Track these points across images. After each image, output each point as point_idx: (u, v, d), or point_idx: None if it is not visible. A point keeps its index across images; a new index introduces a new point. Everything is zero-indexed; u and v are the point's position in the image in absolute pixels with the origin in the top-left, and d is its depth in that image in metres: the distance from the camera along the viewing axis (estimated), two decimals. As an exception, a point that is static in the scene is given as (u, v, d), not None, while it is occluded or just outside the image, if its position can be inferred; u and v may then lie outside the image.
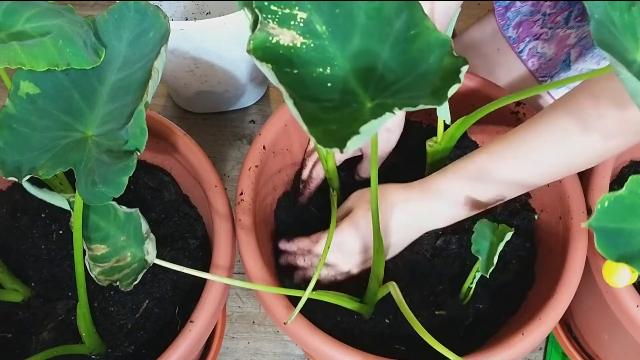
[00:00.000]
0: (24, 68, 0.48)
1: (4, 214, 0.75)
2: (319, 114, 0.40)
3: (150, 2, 0.55)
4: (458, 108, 0.68)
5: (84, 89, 0.54)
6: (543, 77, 0.88)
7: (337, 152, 0.37)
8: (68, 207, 0.57)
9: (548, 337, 0.86)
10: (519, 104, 0.75)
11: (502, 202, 0.65)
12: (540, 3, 0.86)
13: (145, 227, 0.58)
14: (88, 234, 0.58)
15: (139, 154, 0.50)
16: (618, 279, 0.55)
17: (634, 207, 0.45)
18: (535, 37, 0.87)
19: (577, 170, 0.64)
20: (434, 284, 0.70)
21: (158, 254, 0.59)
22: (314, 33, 0.44)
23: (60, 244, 0.72)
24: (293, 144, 0.78)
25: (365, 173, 0.78)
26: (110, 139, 0.51)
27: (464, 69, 0.40)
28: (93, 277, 0.58)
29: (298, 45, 0.43)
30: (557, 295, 0.62)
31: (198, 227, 0.75)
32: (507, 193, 0.64)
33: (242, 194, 0.68)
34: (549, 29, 0.86)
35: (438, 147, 0.70)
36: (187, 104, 1.07)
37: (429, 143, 0.71)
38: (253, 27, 0.44)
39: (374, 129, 0.39)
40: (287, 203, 0.77)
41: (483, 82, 0.77)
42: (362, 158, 0.78)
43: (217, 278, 0.61)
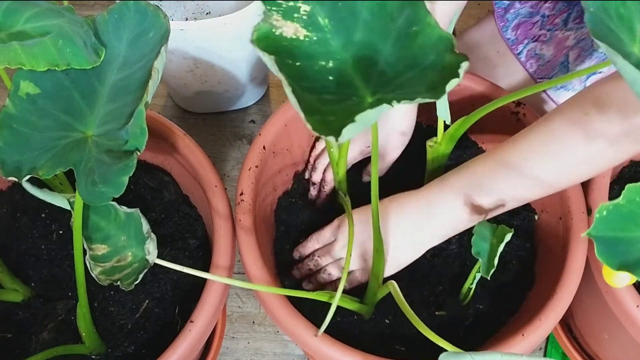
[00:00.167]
0: (24, 68, 0.48)
1: (4, 214, 0.75)
2: (318, 105, 0.40)
3: (150, 2, 0.55)
4: (458, 108, 0.69)
5: (84, 89, 0.54)
6: (541, 78, 0.88)
7: (334, 142, 0.37)
8: (68, 207, 0.57)
9: (548, 337, 0.86)
10: (519, 105, 0.75)
11: (504, 210, 0.64)
12: (540, 5, 0.86)
13: (146, 227, 0.58)
14: (89, 234, 0.58)
15: (139, 154, 0.50)
16: (618, 280, 0.55)
17: (632, 215, 0.45)
18: (534, 38, 0.87)
19: (584, 179, 0.62)
20: (434, 284, 0.70)
21: (158, 254, 0.59)
22: (317, 26, 0.44)
23: (60, 244, 0.72)
24: (293, 144, 0.78)
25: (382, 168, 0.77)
26: (110, 139, 0.51)
27: (464, 65, 0.40)
28: (94, 276, 0.58)
29: (301, 38, 0.43)
30: (557, 296, 0.62)
31: (198, 227, 0.75)
32: (510, 203, 0.63)
33: (242, 194, 0.68)
34: (548, 31, 0.86)
35: (438, 147, 0.70)
36: (187, 104, 1.07)
37: (429, 143, 0.71)
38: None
39: (371, 120, 0.39)
40: (287, 203, 0.77)
41: (483, 82, 0.77)
42: (370, 159, 0.77)
43: (217, 278, 0.61)
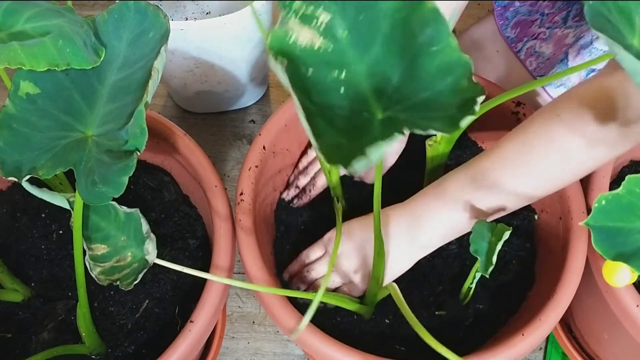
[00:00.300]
0: (24, 68, 0.48)
1: (4, 214, 0.75)
2: (328, 126, 0.39)
3: (150, 2, 0.55)
4: (458, 108, 0.68)
5: (84, 89, 0.54)
6: (541, 76, 0.88)
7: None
8: (68, 206, 0.57)
9: (548, 337, 0.86)
10: (519, 104, 0.75)
11: (505, 212, 0.64)
12: (539, 3, 0.86)
13: (146, 227, 0.58)
14: (88, 234, 0.58)
15: (139, 154, 0.50)
16: (618, 279, 0.55)
17: (631, 206, 0.45)
18: (534, 36, 0.87)
19: (561, 184, 0.62)
20: (434, 284, 0.70)
21: (158, 254, 0.59)
22: (334, 36, 0.43)
23: (60, 244, 0.72)
24: (293, 144, 0.78)
25: (371, 179, 0.78)
26: (110, 139, 0.51)
27: (480, 100, 0.39)
28: (93, 276, 0.58)
29: (316, 47, 0.43)
30: (557, 296, 0.62)
31: (198, 227, 0.75)
32: (510, 205, 0.63)
33: (242, 194, 0.68)
34: (547, 29, 0.86)
35: (438, 146, 0.70)
36: (187, 104, 1.07)
37: (429, 142, 0.70)
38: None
39: (382, 151, 0.37)
40: (287, 203, 0.77)
41: (483, 81, 0.77)
42: None
43: (217, 278, 0.61)
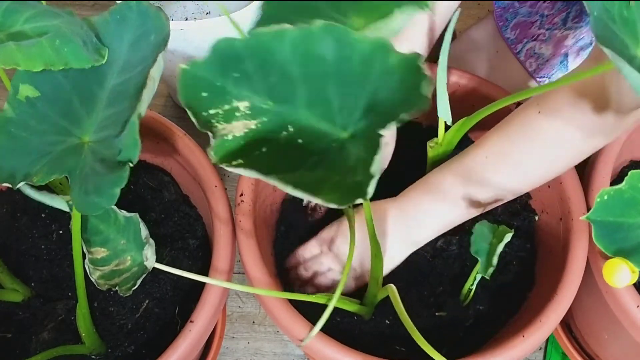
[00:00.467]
0: (19, 68, 0.47)
1: (4, 214, 0.74)
2: (317, 180, 0.39)
3: (151, 2, 0.54)
4: (458, 109, 0.68)
5: (84, 93, 0.53)
6: (541, 77, 0.88)
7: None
8: (67, 209, 0.57)
9: (548, 337, 0.86)
10: (519, 105, 0.75)
11: (501, 202, 0.65)
12: (539, 4, 0.86)
13: (145, 232, 0.58)
14: (88, 237, 0.58)
15: (132, 166, 0.49)
16: (618, 279, 0.55)
17: (633, 201, 0.45)
18: (533, 38, 0.87)
19: (562, 169, 0.63)
20: (434, 285, 0.70)
21: (158, 254, 0.59)
22: (262, 111, 0.43)
23: (60, 244, 0.72)
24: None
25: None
26: (107, 147, 0.50)
27: (426, 85, 0.39)
28: (93, 280, 0.58)
29: (254, 127, 0.43)
30: (557, 297, 0.62)
31: (198, 227, 0.75)
32: (500, 196, 0.63)
33: (242, 195, 0.68)
34: (547, 30, 0.86)
35: (439, 148, 0.70)
36: (187, 104, 1.07)
37: (430, 144, 0.70)
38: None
39: (379, 163, 0.38)
40: (287, 204, 0.77)
41: (483, 82, 0.77)
42: None
43: (216, 282, 0.61)
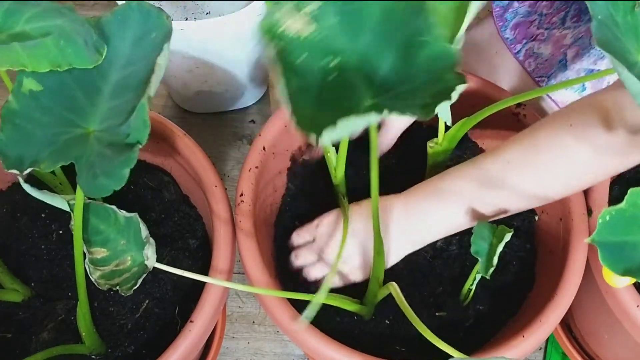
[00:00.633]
0: (27, 70, 0.48)
1: (4, 214, 0.75)
2: (311, 104, 0.40)
3: (151, 2, 0.55)
4: (458, 109, 0.68)
5: (87, 87, 0.54)
6: (540, 77, 0.88)
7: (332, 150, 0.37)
8: (68, 208, 0.57)
9: (548, 337, 0.86)
10: (520, 106, 0.75)
11: (506, 214, 0.63)
12: (537, 4, 0.86)
13: (145, 232, 0.58)
14: (88, 237, 0.58)
15: (141, 147, 0.49)
16: (618, 280, 0.55)
17: (635, 219, 0.44)
18: (532, 37, 0.87)
19: (583, 187, 0.62)
20: (434, 285, 0.70)
21: (158, 254, 0.59)
22: (324, 24, 0.43)
23: (60, 244, 0.72)
24: (293, 145, 0.78)
25: (383, 147, 0.76)
26: (112, 134, 0.51)
27: (460, 89, 0.39)
28: (93, 280, 0.58)
29: (307, 34, 0.43)
30: (557, 297, 0.62)
31: (198, 227, 0.75)
32: (510, 207, 0.62)
33: (242, 196, 0.68)
34: (546, 30, 0.86)
35: (439, 148, 0.70)
36: (187, 104, 1.07)
37: (430, 144, 0.70)
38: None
39: (353, 125, 0.38)
40: (287, 204, 0.77)
41: (483, 82, 0.77)
42: (379, 127, 0.76)
43: (217, 282, 0.61)
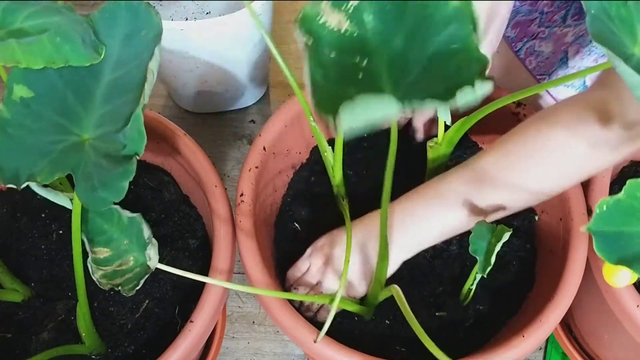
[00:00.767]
0: (21, 66, 0.47)
1: (4, 214, 0.75)
2: (334, 91, 0.40)
3: (150, 2, 0.54)
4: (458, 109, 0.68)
5: (79, 90, 0.53)
6: (541, 75, 0.88)
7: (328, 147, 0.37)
8: (71, 206, 0.57)
9: (548, 337, 0.86)
10: (520, 105, 0.75)
11: (504, 214, 0.63)
12: (538, 2, 0.86)
13: (147, 232, 0.58)
14: (91, 237, 0.58)
15: (138, 158, 0.49)
16: (618, 279, 0.55)
17: (633, 210, 0.45)
18: (533, 36, 0.87)
19: (578, 182, 0.63)
20: (434, 285, 0.70)
21: (158, 254, 0.59)
22: (361, 23, 0.44)
23: (60, 244, 0.72)
24: (293, 145, 0.78)
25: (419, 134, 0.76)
26: (108, 143, 0.50)
27: (484, 91, 0.39)
28: (95, 280, 0.58)
29: (342, 30, 0.43)
30: (557, 297, 0.62)
31: (198, 227, 0.75)
32: (508, 206, 0.62)
33: (242, 195, 0.68)
34: (546, 28, 0.86)
35: (439, 148, 0.70)
36: (187, 104, 1.07)
37: (430, 144, 0.70)
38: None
39: (375, 110, 0.37)
40: (287, 204, 0.77)
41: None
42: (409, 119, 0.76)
43: (217, 282, 0.61)
